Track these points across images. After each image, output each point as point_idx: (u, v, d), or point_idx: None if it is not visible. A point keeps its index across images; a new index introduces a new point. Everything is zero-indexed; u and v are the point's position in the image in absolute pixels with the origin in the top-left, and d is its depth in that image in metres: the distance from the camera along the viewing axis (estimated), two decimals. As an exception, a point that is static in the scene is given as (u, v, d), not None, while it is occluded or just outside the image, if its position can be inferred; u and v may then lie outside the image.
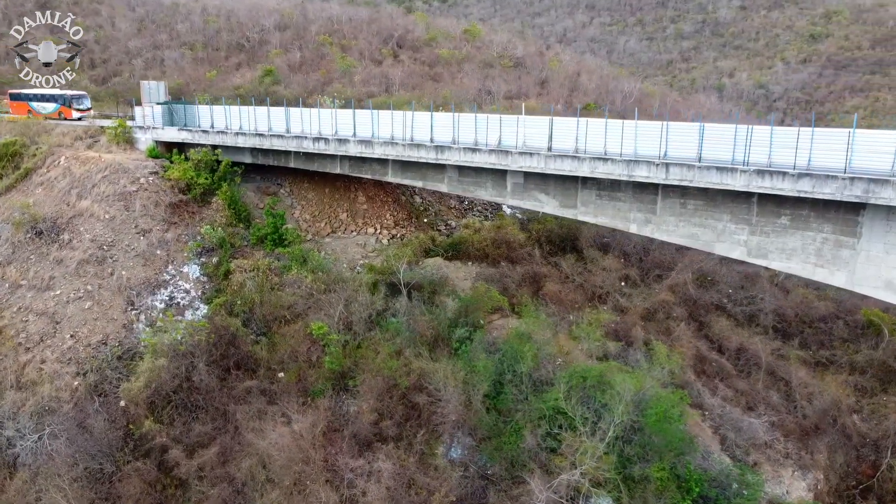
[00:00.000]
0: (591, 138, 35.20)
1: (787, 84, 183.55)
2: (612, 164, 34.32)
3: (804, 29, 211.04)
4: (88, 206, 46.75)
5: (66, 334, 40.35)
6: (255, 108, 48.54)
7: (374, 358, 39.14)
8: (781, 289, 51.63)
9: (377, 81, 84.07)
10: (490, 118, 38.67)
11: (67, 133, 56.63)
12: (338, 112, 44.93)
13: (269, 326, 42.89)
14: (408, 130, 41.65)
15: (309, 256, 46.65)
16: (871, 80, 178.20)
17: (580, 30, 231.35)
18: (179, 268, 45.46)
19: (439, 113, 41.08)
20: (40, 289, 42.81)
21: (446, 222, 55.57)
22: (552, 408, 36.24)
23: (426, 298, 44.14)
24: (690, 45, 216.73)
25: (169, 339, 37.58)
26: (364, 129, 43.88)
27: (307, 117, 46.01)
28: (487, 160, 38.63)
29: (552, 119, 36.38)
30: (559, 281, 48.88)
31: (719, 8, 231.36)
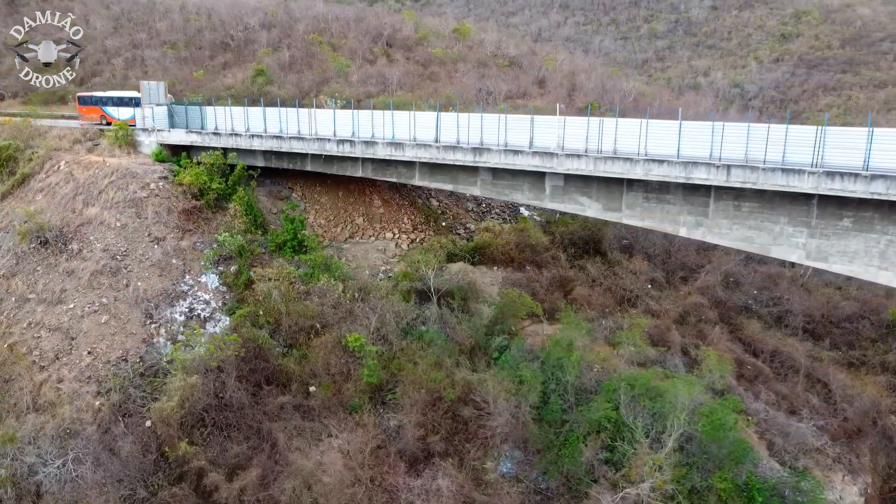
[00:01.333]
0: (647, 140, 34.08)
1: (761, 83, 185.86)
2: (668, 166, 33.29)
3: (775, 29, 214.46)
4: (97, 214, 44.23)
5: (84, 351, 37.93)
6: (273, 109, 46.50)
7: (412, 369, 37.57)
8: (804, 289, 51.33)
9: (374, 81, 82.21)
10: (536, 119, 37.36)
11: (65, 136, 53.79)
12: (361, 113, 43.19)
13: (295, 338, 41.01)
14: (443, 132, 40.09)
15: (332, 264, 44.83)
16: (843, 78, 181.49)
17: (555, 29, 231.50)
18: (197, 277, 43.26)
19: (477, 114, 39.60)
20: (51, 302, 40.24)
21: (465, 226, 54.15)
22: (604, 418, 35.15)
23: (458, 306, 42.70)
24: (665, 45, 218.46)
25: (199, 354, 35.43)
26: (390, 131, 42.18)
27: (329, 119, 44.13)
28: (530, 162, 37.33)
29: (602, 120, 35.20)
30: (587, 285, 47.85)
31: (691, 8, 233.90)
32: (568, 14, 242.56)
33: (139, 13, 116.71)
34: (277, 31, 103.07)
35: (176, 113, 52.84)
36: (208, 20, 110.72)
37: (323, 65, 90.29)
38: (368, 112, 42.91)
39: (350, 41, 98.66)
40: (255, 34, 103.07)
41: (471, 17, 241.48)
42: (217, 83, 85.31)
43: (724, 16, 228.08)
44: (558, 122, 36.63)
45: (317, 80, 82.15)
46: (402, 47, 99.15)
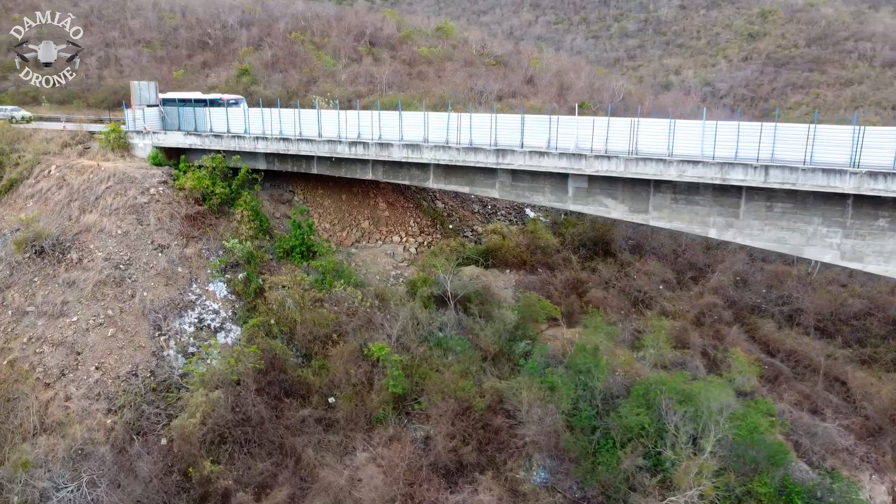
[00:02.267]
0: (679, 141, 33.54)
1: (731, 81, 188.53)
2: (702, 167, 32.77)
3: (742, 28, 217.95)
4: (96, 221, 42.16)
5: (91, 366, 35.99)
6: (280, 111, 44.85)
7: (438, 378, 36.48)
8: (812, 287, 51.53)
9: (362, 80, 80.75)
10: (561, 120, 36.59)
11: (52, 139, 51.37)
12: (373, 114, 41.88)
13: (310, 347, 39.60)
14: (461, 133, 39.06)
15: (343, 269, 43.48)
16: (810, 77, 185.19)
17: (526, 28, 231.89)
18: (204, 286, 41.53)
19: (504, 115, 38.66)
20: (52, 315, 38.13)
21: (472, 228, 53.19)
22: (637, 424, 34.49)
23: (477, 311, 41.75)
24: (635, 44, 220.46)
25: (218, 367, 33.82)
26: (406, 132, 41.03)
27: (341, 120, 42.73)
28: (556, 164, 36.51)
29: (637, 121, 34.56)
30: (600, 286, 47.30)
31: (660, 7, 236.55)
32: (539, 13, 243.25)
33: (110, 10, 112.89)
34: (257, 29, 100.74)
35: (172, 115, 50.82)
36: (183, 18, 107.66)
37: (308, 64, 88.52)
38: (383, 113, 41.60)
39: (333, 40, 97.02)
40: (233, 33, 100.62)
41: (441, 16, 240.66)
42: (200, 83, 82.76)
43: (693, 15, 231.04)
44: (586, 122, 35.87)
45: (304, 80, 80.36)
46: (387, 46, 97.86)
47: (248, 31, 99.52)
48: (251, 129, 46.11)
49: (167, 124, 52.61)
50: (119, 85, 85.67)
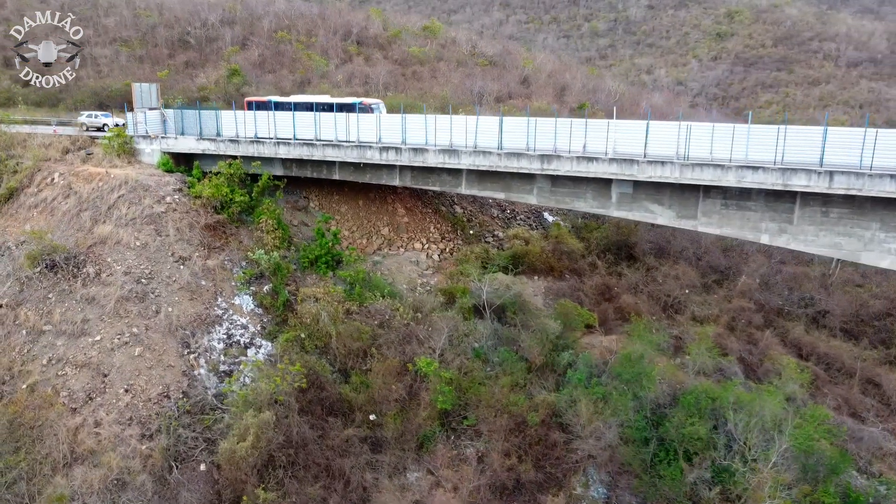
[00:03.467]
0: (735, 145, 32.87)
1: (702, 80, 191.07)
2: (764, 172, 32.13)
3: (710, 28, 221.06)
4: (111, 232, 39.77)
5: (119, 388, 33.77)
6: (304, 114, 43.00)
7: (486, 392, 35.25)
8: (833, 288, 51.67)
9: (357, 81, 78.87)
10: (611, 124, 35.60)
11: (50, 144, 48.55)
12: (409, 117, 40.36)
13: (344, 362, 37.96)
14: (506, 138, 37.87)
15: (373, 279, 41.93)
16: (779, 76, 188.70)
17: (498, 27, 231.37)
18: (230, 299, 39.51)
19: (545, 119, 37.51)
20: (73, 335, 35.75)
21: (493, 233, 51.98)
22: (692, 434, 33.76)
23: (512, 320, 40.60)
24: (606, 43, 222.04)
25: (266, 387, 31.97)
26: (443, 137, 39.68)
27: (371, 124, 41.10)
28: (606, 170, 35.55)
29: (690, 125, 33.78)
30: (628, 291, 46.58)
31: (629, 7, 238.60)
32: (509, 12, 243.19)
33: (81, 7, 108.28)
34: (240, 28, 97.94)
35: (167, 117, 48.55)
36: (160, 16, 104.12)
37: (297, 64, 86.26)
38: (419, 116, 40.11)
39: (320, 39, 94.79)
40: (215, 31, 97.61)
41: (411, 14, 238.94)
42: (187, 84, 79.91)
43: (661, 15, 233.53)
44: (637, 126, 35.01)
45: (297, 81, 78.09)
46: (375, 45, 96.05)
47: (231, 30, 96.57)
48: (260, 132, 44.15)
49: (167, 128, 50.29)
50: (100, 86, 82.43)
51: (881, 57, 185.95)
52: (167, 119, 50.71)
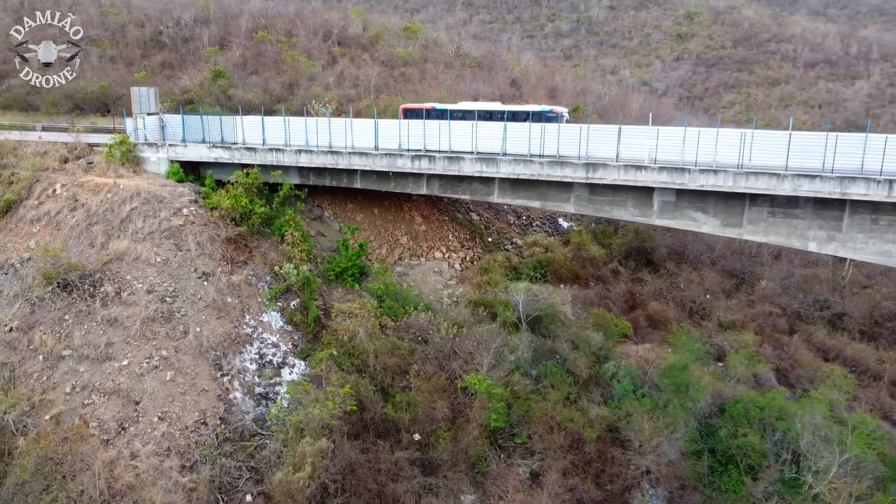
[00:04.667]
0: (792, 153, 32.58)
1: (667, 81, 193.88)
2: (821, 181, 31.89)
3: (671, 29, 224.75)
4: (128, 248, 37.37)
5: (153, 416, 31.61)
6: (327, 121, 41.23)
7: (539, 408, 34.23)
8: (847, 290, 52.26)
9: (348, 83, 76.88)
10: (662, 131, 34.96)
11: (46, 152, 45.54)
12: (440, 124, 39.02)
13: (382, 381, 36.43)
14: (546, 145, 36.88)
15: (402, 292, 40.49)
16: (740, 77, 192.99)
17: (461, 27, 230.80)
18: (258, 317, 37.57)
19: (597, 126, 36.63)
20: (96, 359, 33.34)
21: (511, 240, 50.96)
22: (745, 445, 33.41)
23: (548, 332, 39.72)
24: (570, 43, 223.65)
25: (319, 412, 30.23)
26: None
27: (395, 130, 39.59)
28: (656, 178, 34.90)
29: (753, 133, 33.34)
30: (652, 298, 46.20)
31: (591, 7, 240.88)
32: (472, 12, 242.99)
33: (43, 4, 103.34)
34: (216, 27, 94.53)
35: (166, 123, 46.25)
36: (130, 14, 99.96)
37: (280, 65, 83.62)
38: (451, 123, 38.76)
39: (301, 39, 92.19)
40: (190, 31, 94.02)
41: (374, 13, 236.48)
42: (168, 86, 76.56)
43: (623, 16, 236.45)
44: (690, 133, 34.41)
45: (286, 83, 75.60)
46: (357, 46, 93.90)
47: (206, 30, 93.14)
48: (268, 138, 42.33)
49: (166, 134, 47.91)
50: (74, 88, 78.08)
51: (836, 58, 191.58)
52: (166, 125, 48.31)
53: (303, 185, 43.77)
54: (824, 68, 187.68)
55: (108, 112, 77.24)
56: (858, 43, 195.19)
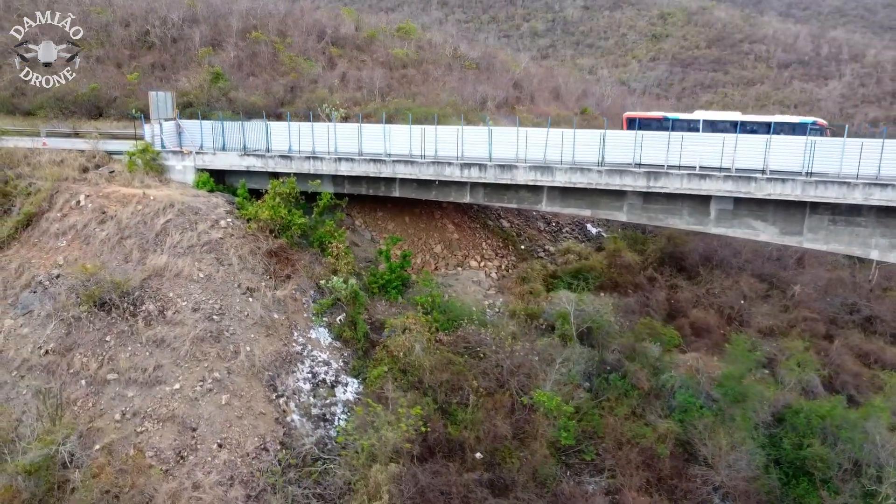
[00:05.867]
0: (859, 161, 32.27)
1: (644, 81, 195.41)
2: (892, 190, 31.60)
3: (646, 29, 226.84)
4: (168, 263, 35.47)
5: (212, 444, 29.90)
6: (375, 127, 39.82)
7: (607, 424, 33.41)
8: (873, 293, 52.58)
9: (352, 85, 75.17)
10: (740, 138, 34.33)
11: (63, 161, 43.16)
12: (490, 130, 37.93)
13: (438, 397, 35.18)
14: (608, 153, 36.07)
15: (450, 304, 39.32)
16: (716, 77, 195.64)
17: (438, 26, 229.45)
18: (306, 333, 36.02)
19: (653, 133, 35.84)
20: (145, 384, 31.46)
21: (543, 247, 50.09)
22: (814, 455, 33.02)
23: (599, 343, 38.93)
24: (546, 43, 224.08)
25: (392, 435, 28.87)
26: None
27: (452, 137, 38.36)
28: (721, 187, 34.31)
29: (814, 141, 32.95)
30: (691, 305, 45.79)
31: (565, 7, 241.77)
32: (448, 11, 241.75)
33: (22, 2, 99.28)
34: (207, 27, 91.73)
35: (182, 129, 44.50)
36: (114, 13, 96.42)
37: (278, 66, 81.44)
38: (498, 129, 37.70)
39: (296, 40, 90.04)
40: (179, 31, 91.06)
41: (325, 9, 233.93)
42: (164, 88, 73.84)
43: (597, 16, 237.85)
44: (756, 140, 33.89)
45: (288, 85, 73.57)
46: (352, 47, 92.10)
47: (196, 30, 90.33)
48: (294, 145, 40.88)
49: (183, 140, 45.99)
50: (63, 90, 74.79)
51: (808, 59, 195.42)
52: (183, 130, 46.35)
53: (341, 195, 42.17)
54: (797, 69, 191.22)
55: (99, 115, 74.31)
56: (829, 44, 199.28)
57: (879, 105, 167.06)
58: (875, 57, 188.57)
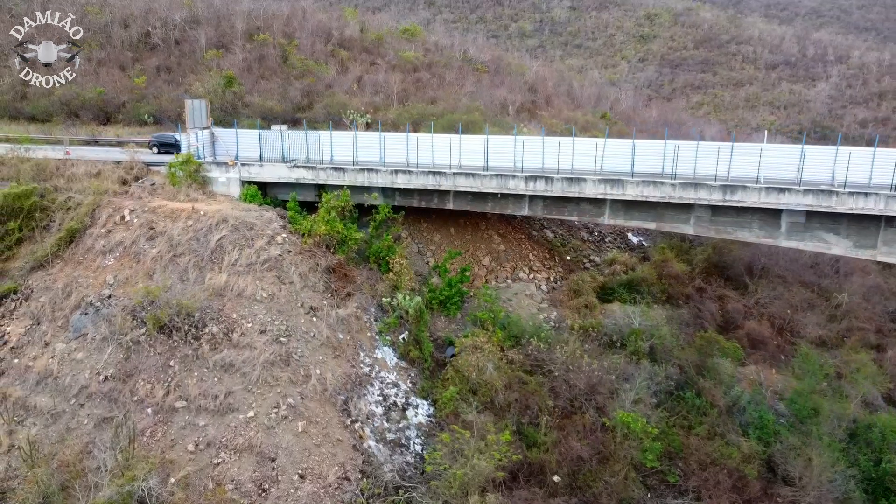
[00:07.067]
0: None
1: (634, 82, 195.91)
2: (980, 204, 31.28)
3: (633, 30, 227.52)
4: (229, 282, 33.92)
5: (293, 475, 28.50)
6: (453, 137, 38.57)
7: (678, 443, 32.62)
8: (909, 299, 52.53)
9: (370, 90, 73.73)
10: (808, 150, 33.74)
11: (101, 173, 41.28)
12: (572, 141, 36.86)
13: (511, 418, 34.12)
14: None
15: (512, 319, 38.28)
16: (705, 78, 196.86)
17: (426, 27, 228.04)
18: (371, 353, 34.74)
19: (742, 144, 35.12)
20: (217, 411, 29.93)
21: (588, 258, 49.23)
22: (893, 471, 32.60)
23: (663, 358, 38.17)
24: (535, 44, 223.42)
25: (486, 464, 27.73)
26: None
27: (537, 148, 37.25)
28: (800, 201, 33.68)
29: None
30: (742, 315, 45.25)
31: (553, 8, 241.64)
32: (435, 11, 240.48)
33: (16, 2, 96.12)
34: (211, 29, 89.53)
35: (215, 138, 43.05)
36: (112, 14, 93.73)
37: (289, 69, 79.68)
38: (577, 140, 36.68)
39: (303, 42, 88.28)
40: (182, 32, 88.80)
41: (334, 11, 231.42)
42: (176, 92, 71.83)
43: (584, 16, 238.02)
44: (842, 154, 33.34)
45: (304, 90, 71.88)
46: (359, 49, 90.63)
47: (199, 31, 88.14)
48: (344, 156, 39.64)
49: (217, 149, 44.45)
50: (69, 94, 72.39)
51: (794, 60, 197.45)
52: (218, 140, 44.75)
53: (396, 208, 40.86)
54: (785, 70, 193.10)
55: (108, 121, 72.02)
56: (814, 45, 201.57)
57: (867, 106, 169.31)
58: (860, 58, 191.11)
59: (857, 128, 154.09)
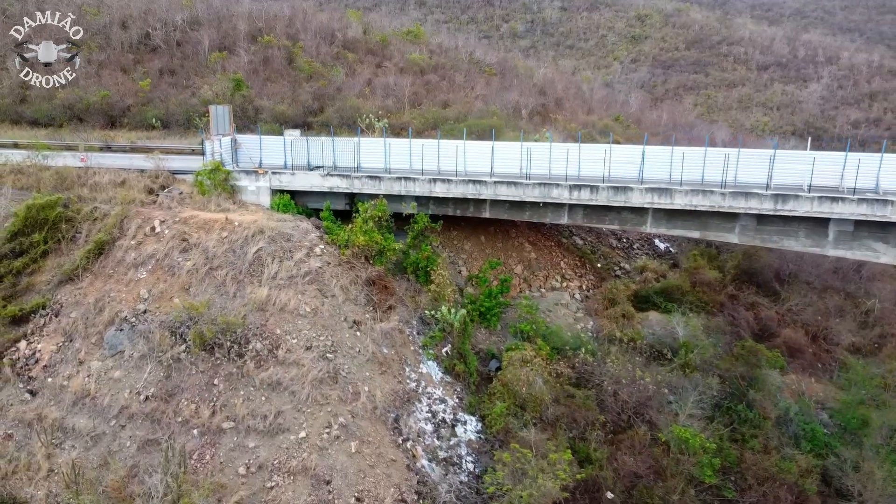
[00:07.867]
0: None
1: (627, 83, 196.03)
2: None
3: (624, 30, 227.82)
4: (271, 296, 32.81)
5: (349, 498, 27.50)
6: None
7: (733, 457, 32.05)
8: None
9: (381, 93, 72.63)
10: (863, 158, 33.29)
11: (126, 182, 39.97)
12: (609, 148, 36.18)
13: (557, 433, 33.35)
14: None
15: (553, 331, 37.52)
16: (697, 79, 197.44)
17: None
18: (416, 368, 33.81)
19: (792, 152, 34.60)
20: (267, 432, 28.84)
21: (619, 265, 48.55)
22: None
23: (707, 369, 37.60)
24: (527, 44, 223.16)
25: (552, 485, 26.93)
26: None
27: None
28: (854, 210, 33.20)
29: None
30: (778, 323, 44.84)
31: (544, 8, 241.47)
32: (426, 11, 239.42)
33: (11, 2, 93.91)
34: (213, 30, 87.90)
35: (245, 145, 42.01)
36: (110, 15, 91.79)
37: (295, 72, 78.34)
38: (618, 148, 35.98)
39: (307, 44, 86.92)
40: (184, 34, 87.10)
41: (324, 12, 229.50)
42: (182, 96, 70.33)
43: (576, 17, 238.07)
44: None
45: (315, 93, 70.63)
46: (363, 51, 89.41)
47: (202, 33, 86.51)
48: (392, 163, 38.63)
49: (239, 156, 43.36)
50: (72, 97, 70.55)
51: (786, 61, 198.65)
52: (240, 146, 43.61)
53: (434, 217, 39.91)
54: (776, 71, 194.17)
55: (112, 125, 70.28)
56: (804, 46, 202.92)
57: (858, 107, 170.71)
58: (850, 59, 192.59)
59: (849, 129, 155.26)
